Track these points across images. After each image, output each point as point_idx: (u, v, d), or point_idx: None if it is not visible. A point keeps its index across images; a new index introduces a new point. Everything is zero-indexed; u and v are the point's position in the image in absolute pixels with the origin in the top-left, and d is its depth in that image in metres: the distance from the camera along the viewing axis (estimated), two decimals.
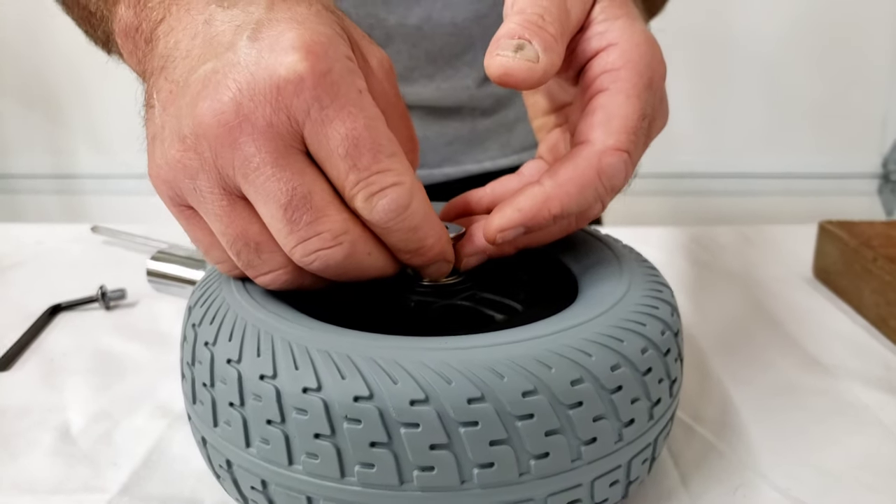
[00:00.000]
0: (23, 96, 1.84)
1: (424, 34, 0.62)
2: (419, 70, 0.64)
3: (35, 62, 1.80)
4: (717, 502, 0.30)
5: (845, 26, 1.68)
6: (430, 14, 0.61)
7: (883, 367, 0.41)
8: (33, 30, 1.77)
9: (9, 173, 1.89)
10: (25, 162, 1.89)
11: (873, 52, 1.70)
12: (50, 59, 1.79)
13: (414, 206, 0.26)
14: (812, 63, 1.70)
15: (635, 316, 0.27)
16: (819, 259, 0.53)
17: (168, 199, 0.28)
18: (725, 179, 1.78)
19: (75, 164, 1.90)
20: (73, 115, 1.85)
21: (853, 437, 0.34)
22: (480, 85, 0.67)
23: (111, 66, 0.39)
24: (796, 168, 1.76)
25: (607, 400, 0.25)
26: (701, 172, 1.78)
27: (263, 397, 0.24)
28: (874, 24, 1.68)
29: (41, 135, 1.87)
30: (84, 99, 1.83)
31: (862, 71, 1.71)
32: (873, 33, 1.69)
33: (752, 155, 1.77)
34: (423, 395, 0.23)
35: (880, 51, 1.70)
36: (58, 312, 0.49)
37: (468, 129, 0.69)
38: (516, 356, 0.24)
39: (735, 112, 1.75)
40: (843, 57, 1.70)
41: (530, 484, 0.24)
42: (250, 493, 0.26)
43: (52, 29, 1.74)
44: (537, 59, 0.27)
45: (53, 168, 1.90)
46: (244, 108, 0.24)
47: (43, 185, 1.88)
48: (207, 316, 0.28)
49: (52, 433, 0.35)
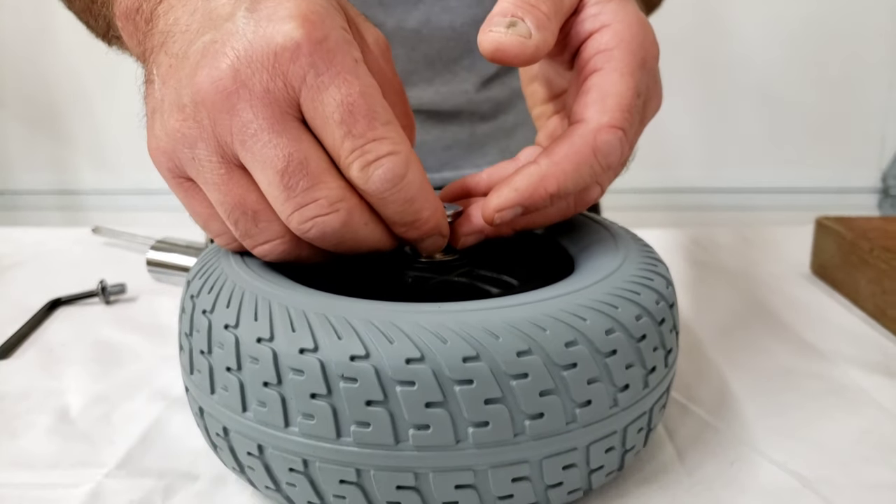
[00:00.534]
0: (26, 112, 1.86)
1: (423, 37, 0.63)
2: (418, 74, 0.65)
3: (38, 78, 1.82)
4: (713, 475, 0.30)
5: (843, 43, 1.70)
6: (429, 17, 0.62)
7: (881, 353, 0.41)
8: (37, 47, 1.79)
9: (11, 189, 1.90)
10: (28, 178, 1.90)
11: (871, 67, 1.71)
12: (53, 75, 1.81)
13: (410, 177, 0.26)
14: (811, 79, 1.72)
15: (630, 286, 0.28)
16: (817, 255, 0.53)
17: (167, 172, 0.28)
18: (726, 194, 1.78)
19: (78, 179, 1.91)
20: (75, 131, 1.87)
21: (850, 416, 0.34)
22: (479, 89, 0.68)
23: (114, 82, 0.40)
24: (796, 183, 1.77)
25: (601, 363, 0.25)
26: (701, 187, 1.79)
27: (260, 360, 0.24)
28: (872, 40, 1.70)
29: (44, 151, 1.89)
30: (87, 115, 1.84)
31: (860, 87, 1.73)
32: (871, 50, 1.70)
33: (752, 170, 1.78)
34: (418, 354, 0.23)
35: (878, 67, 1.72)
36: (58, 306, 0.49)
37: (467, 134, 0.70)
38: (511, 318, 0.24)
39: (735, 128, 1.76)
40: (841, 73, 1.72)
41: (525, 445, 0.24)
42: (247, 460, 0.26)
43: (55, 46, 1.77)
44: (529, 36, 0.28)
45: (56, 184, 1.91)
46: (241, 74, 0.25)
47: (45, 202, 1.89)
48: (206, 286, 0.28)
49: (51, 415, 0.35)
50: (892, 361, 0.40)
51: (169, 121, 0.26)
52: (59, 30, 1.76)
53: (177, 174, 0.28)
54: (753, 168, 1.78)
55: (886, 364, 0.39)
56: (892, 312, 0.43)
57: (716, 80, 1.73)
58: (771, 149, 1.77)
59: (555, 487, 0.26)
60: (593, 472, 0.26)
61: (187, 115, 0.26)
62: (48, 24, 1.75)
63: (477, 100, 0.68)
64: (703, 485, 0.29)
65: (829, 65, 1.72)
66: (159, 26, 0.28)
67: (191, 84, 0.26)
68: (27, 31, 1.78)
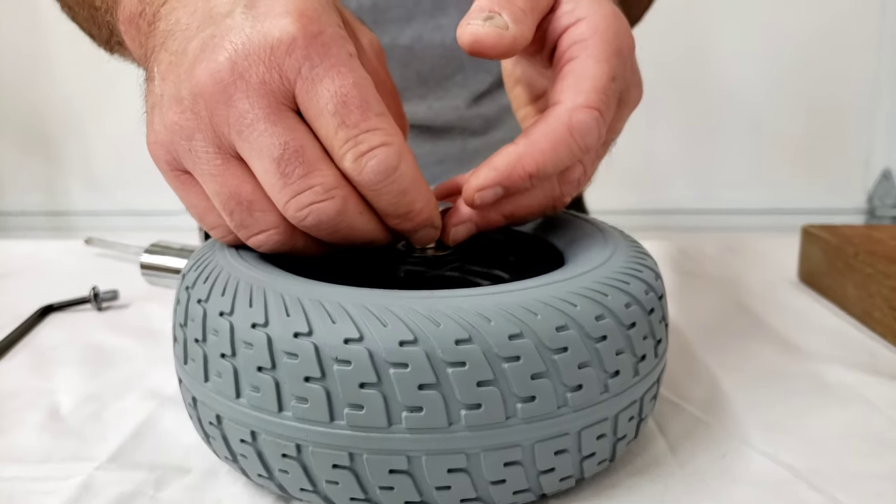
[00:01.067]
0: (17, 134, 1.86)
1: (415, 55, 0.64)
2: (411, 90, 0.66)
3: (30, 101, 1.83)
4: (705, 467, 0.30)
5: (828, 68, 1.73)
6: (421, 35, 0.63)
7: (868, 354, 0.41)
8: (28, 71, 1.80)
9: (2, 210, 1.90)
10: (18, 199, 1.90)
11: (855, 91, 1.75)
12: (44, 97, 1.82)
13: (403, 169, 0.27)
14: (797, 103, 1.75)
15: (619, 276, 0.28)
16: (804, 262, 0.54)
17: (165, 165, 0.28)
18: (715, 216, 1.80)
19: (68, 200, 1.91)
20: (66, 153, 1.87)
21: (838, 410, 0.35)
22: (470, 105, 0.69)
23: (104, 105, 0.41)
24: (784, 204, 1.79)
25: (592, 348, 0.25)
26: (690, 209, 1.81)
27: (255, 344, 0.25)
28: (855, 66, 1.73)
29: (34, 172, 1.89)
30: (78, 137, 1.85)
31: (845, 111, 1.76)
32: (855, 74, 1.74)
33: (740, 192, 1.80)
34: (411, 337, 0.23)
35: (862, 90, 1.75)
36: (49, 313, 0.49)
37: (458, 149, 0.71)
38: (503, 303, 0.25)
39: (724, 151, 1.78)
40: (826, 97, 1.75)
41: (517, 428, 0.24)
42: (239, 448, 0.26)
43: (47, 70, 1.78)
44: (506, 28, 0.29)
45: (46, 204, 1.91)
46: (239, 66, 0.25)
47: (36, 222, 1.89)
48: (201, 277, 0.28)
49: (42, 412, 0.35)
50: (879, 361, 0.40)
51: (167, 114, 0.27)
52: (51, 54, 1.78)
53: (174, 167, 0.28)
54: (742, 190, 1.80)
55: (874, 364, 0.40)
56: (879, 315, 0.44)
57: (704, 105, 1.76)
58: (759, 171, 1.79)
59: (547, 473, 0.26)
60: (585, 458, 0.27)
61: (185, 108, 0.26)
62: (40, 49, 1.77)
63: (468, 116, 0.69)
64: (696, 476, 0.29)
65: (815, 89, 1.75)
66: (161, 27, 0.29)
67: (189, 78, 0.26)
68: (19, 55, 1.79)
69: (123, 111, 0.34)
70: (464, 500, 0.25)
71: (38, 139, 1.87)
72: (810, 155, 1.78)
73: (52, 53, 1.77)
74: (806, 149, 1.78)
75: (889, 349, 0.42)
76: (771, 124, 1.78)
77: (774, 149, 1.78)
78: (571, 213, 0.37)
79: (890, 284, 0.42)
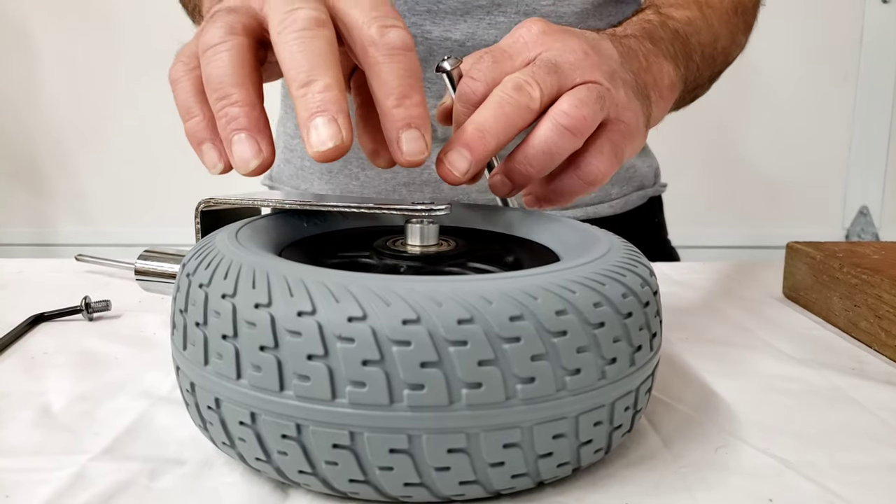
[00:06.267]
0: (5, 167, 1.86)
1: (467, 51, 0.64)
2: None
3: (19, 134, 1.83)
4: (699, 459, 0.30)
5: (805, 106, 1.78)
6: (475, 31, 0.64)
7: (855, 360, 0.42)
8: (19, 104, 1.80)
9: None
10: (6, 231, 1.89)
11: (832, 129, 1.79)
12: (34, 131, 1.82)
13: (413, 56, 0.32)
14: (776, 141, 1.79)
15: (616, 269, 0.29)
16: (788, 278, 0.55)
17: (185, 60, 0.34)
18: (698, 250, 1.82)
19: (57, 233, 1.90)
20: (55, 186, 1.87)
21: (828, 410, 0.35)
22: None
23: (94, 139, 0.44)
24: (764, 241, 1.82)
25: (590, 334, 0.26)
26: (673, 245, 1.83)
27: (258, 324, 0.25)
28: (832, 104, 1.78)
29: (22, 204, 1.88)
30: (66, 171, 1.85)
31: (823, 148, 1.80)
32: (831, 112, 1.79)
33: (721, 228, 1.83)
34: (414, 316, 0.24)
35: (839, 128, 1.80)
36: (40, 322, 0.49)
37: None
38: (504, 287, 0.25)
39: (704, 187, 1.82)
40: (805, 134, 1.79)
41: (517, 409, 0.25)
42: (238, 431, 0.26)
43: (37, 102, 1.79)
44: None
45: (34, 237, 1.90)
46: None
47: (23, 253, 1.87)
48: (202, 264, 0.28)
49: (34, 410, 0.34)
50: (866, 366, 0.41)
51: None
52: (42, 87, 1.79)
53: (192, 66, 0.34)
54: (722, 226, 1.83)
55: (861, 369, 0.40)
56: (865, 324, 0.44)
57: (685, 144, 1.79)
58: (738, 207, 1.82)
59: (545, 458, 0.26)
60: (582, 445, 0.27)
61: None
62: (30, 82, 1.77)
63: None
64: (690, 468, 0.30)
65: (792, 127, 1.79)
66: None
67: None
68: (9, 87, 1.79)
69: (110, 145, 0.35)
70: (462, 483, 0.25)
71: (26, 172, 1.86)
72: (789, 192, 1.82)
73: (39, 84, 1.78)
74: (785, 186, 1.82)
75: (875, 356, 0.43)
76: (751, 162, 1.82)
77: (756, 186, 1.81)
78: (568, 219, 0.38)
79: (875, 294, 0.43)
